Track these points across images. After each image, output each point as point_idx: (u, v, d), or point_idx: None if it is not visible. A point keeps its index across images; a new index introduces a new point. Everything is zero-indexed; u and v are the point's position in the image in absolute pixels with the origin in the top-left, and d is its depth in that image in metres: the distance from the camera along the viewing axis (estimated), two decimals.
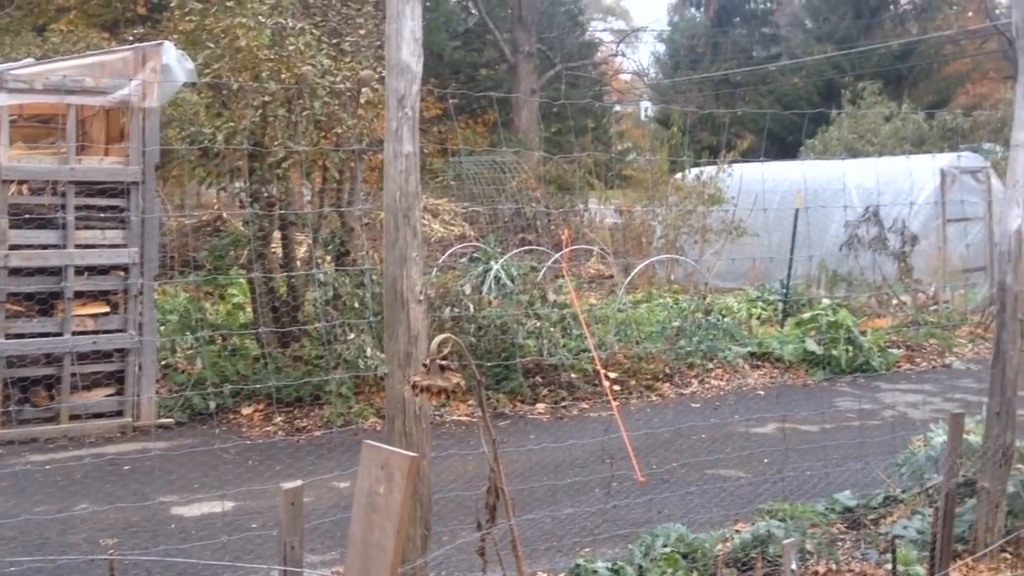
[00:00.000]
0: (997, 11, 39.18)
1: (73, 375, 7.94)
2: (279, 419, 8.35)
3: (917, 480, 5.68)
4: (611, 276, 16.32)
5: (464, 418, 8.57)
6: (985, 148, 18.35)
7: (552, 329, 9.67)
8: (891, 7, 41.15)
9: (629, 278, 13.18)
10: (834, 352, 10.51)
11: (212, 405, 8.39)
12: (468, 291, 9.66)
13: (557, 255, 12.64)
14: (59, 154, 8.14)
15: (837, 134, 22.65)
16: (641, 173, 17.48)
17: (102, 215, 8.16)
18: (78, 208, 8.02)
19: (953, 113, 22.79)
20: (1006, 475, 4.95)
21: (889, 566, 4.68)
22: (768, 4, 46.23)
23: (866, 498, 5.78)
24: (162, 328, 9.55)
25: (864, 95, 25.14)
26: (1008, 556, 4.90)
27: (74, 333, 7.99)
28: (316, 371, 8.64)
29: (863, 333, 11.02)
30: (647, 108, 38.30)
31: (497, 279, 10.33)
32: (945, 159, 14.53)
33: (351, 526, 2.71)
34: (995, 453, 4.89)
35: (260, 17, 8.63)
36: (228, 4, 8.71)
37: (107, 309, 8.24)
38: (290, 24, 8.78)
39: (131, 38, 16.43)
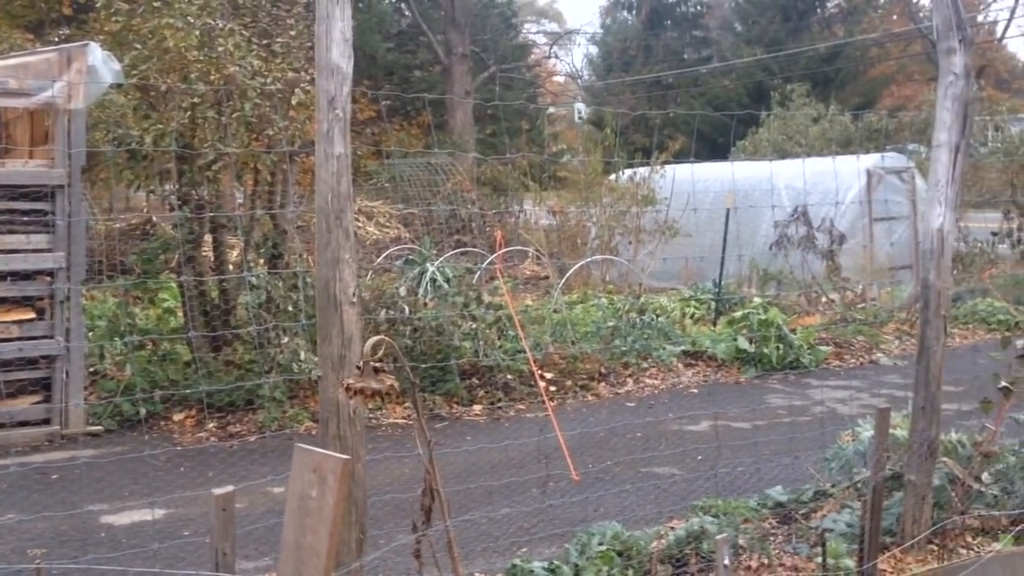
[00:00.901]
0: (921, 14, 40.12)
1: None
2: (212, 425, 8.24)
3: (846, 474, 5.79)
4: (546, 277, 16.38)
5: (401, 421, 8.55)
6: (910, 149, 18.76)
7: (488, 330, 9.68)
8: (818, 10, 41.90)
9: (564, 279, 13.24)
10: (765, 350, 10.67)
11: (142, 412, 8.26)
12: (403, 293, 9.63)
13: (492, 256, 12.65)
14: None
15: (767, 135, 22.99)
16: (575, 174, 17.58)
17: (26, 219, 7.99)
18: (1, 212, 7.84)
19: (879, 114, 23.24)
20: (931, 468, 5.06)
21: (820, 559, 4.77)
22: (698, 8, 46.79)
23: (797, 493, 5.87)
24: (90, 334, 9.37)
25: (793, 97, 25.56)
26: (935, 547, 5.01)
27: None
28: (249, 375, 8.55)
29: (793, 331, 11.20)
30: (581, 110, 38.52)
31: (433, 281, 10.31)
32: (870, 159, 14.82)
33: (283, 530, 2.69)
34: (920, 447, 5.00)
35: (188, 18, 8.51)
36: (155, 5, 8.58)
37: (33, 315, 8.06)
38: (219, 25, 8.67)
39: (56, 39, 16.13)
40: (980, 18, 43.89)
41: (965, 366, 8.14)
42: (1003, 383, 5.19)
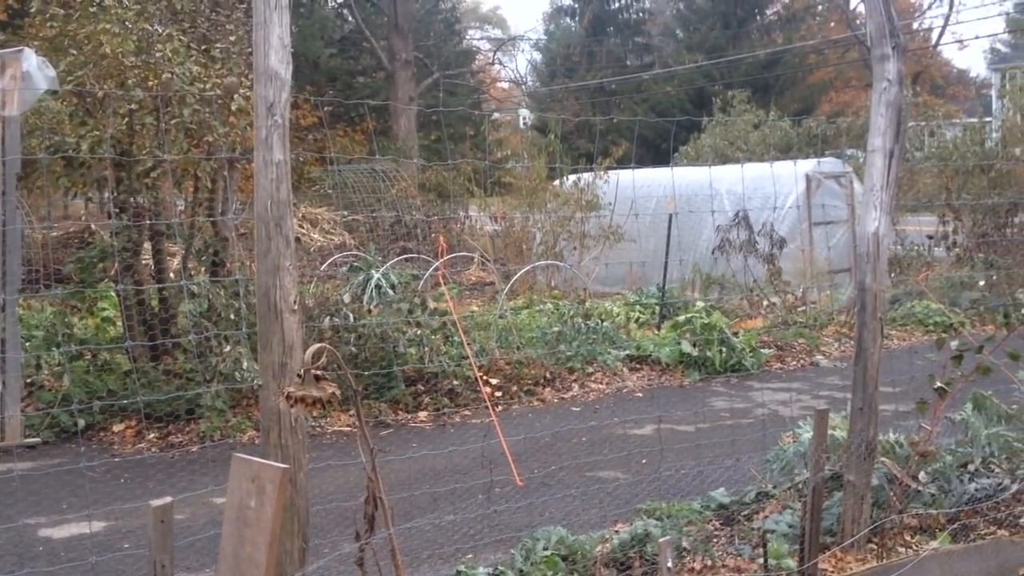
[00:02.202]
0: (858, 21, 40.81)
1: None
2: (152, 435, 8.12)
3: (787, 476, 5.86)
4: (492, 283, 16.39)
5: (346, 428, 8.49)
6: (847, 154, 19.06)
7: (433, 337, 9.65)
8: (758, 18, 42.48)
9: (509, 284, 13.26)
10: (708, 353, 10.76)
11: (80, 423, 8.11)
12: (348, 300, 9.58)
13: (437, 263, 12.63)
14: None
15: (709, 141, 23.23)
16: (520, 180, 17.62)
17: None
18: None
19: (817, 120, 23.59)
20: (870, 468, 5.14)
21: (762, 560, 4.82)
22: (640, 15, 47.22)
23: (739, 495, 5.93)
24: (27, 344, 9.19)
25: (733, 103, 25.86)
26: (874, 546, 5.09)
27: None
28: (190, 385, 8.44)
29: (736, 334, 11.31)
30: (525, 116, 38.63)
31: (378, 287, 10.27)
32: (809, 165, 15.03)
33: (222, 541, 2.66)
34: (859, 447, 5.08)
35: (126, 23, 8.40)
36: (92, 10, 8.45)
37: None
38: (157, 30, 8.56)
39: None
40: (915, 25, 44.78)
41: (902, 367, 8.28)
42: (938, 384, 5.29)
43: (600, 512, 6.12)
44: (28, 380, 8.87)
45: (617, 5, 46.67)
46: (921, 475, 5.47)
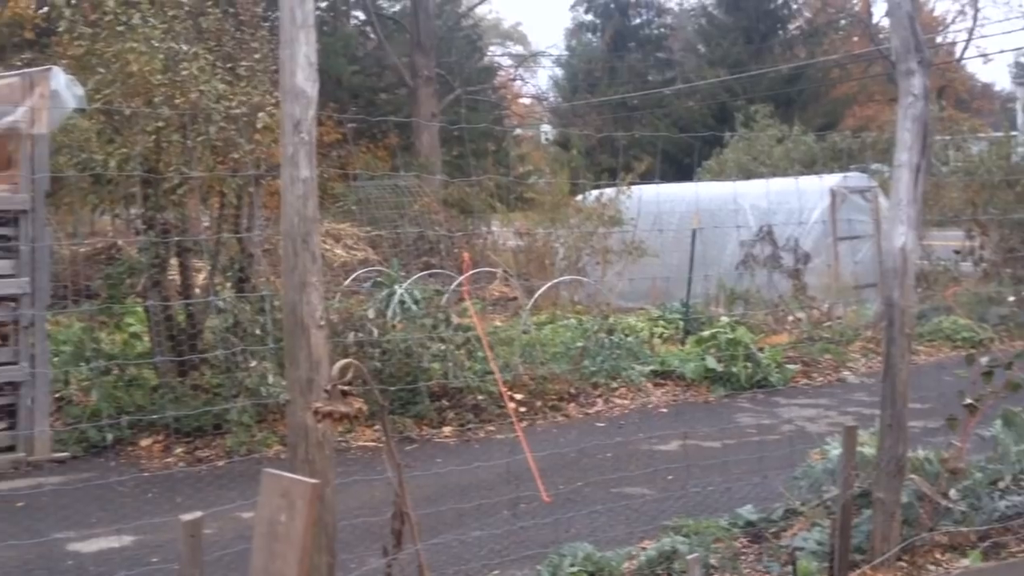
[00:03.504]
0: (881, 35, 40.68)
1: None
2: (179, 450, 8.16)
3: (815, 493, 5.81)
4: (515, 298, 16.39)
5: (371, 443, 8.50)
6: (872, 168, 18.96)
7: (457, 352, 9.65)
8: (780, 32, 42.40)
9: (532, 300, 13.25)
10: (734, 369, 10.71)
11: (109, 437, 8.15)
12: (372, 315, 9.60)
13: (460, 278, 12.64)
14: None
15: (732, 156, 23.15)
16: (542, 195, 17.63)
17: None
18: None
19: (842, 134, 23.48)
20: (899, 485, 5.10)
21: None
22: (662, 30, 47.26)
23: (767, 512, 5.89)
24: (55, 359, 9.26)
25: (756, 118, 25.78)
26: (904, 564, 5.04)
27: None
28: (217, 400, 8.48)
29: (761, 350, 11.26)
30: (547, 131, 38.69)
31: (401, 303, 10.29)
32: (834, 179, 14.97)
33: (252, 556, 2.66)
34: (888, 464, 5.04)
35: (152, 42, 8.48)
36: (119, 29, 8.54)
37: None
38: (183, 49, 8.64)
39: (18, 63, 15.96)
40: (939, 39, 44.60)
41: (931, 383, 8.21)
42: (968, 400, 5.25)
43: (627, 528, 6.09)
44: (57, 395, 8.93)
45: (639, 21, 46.73)
46: (951, 492, 5.42)
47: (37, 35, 19.92)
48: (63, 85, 7.93)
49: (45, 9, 17.38)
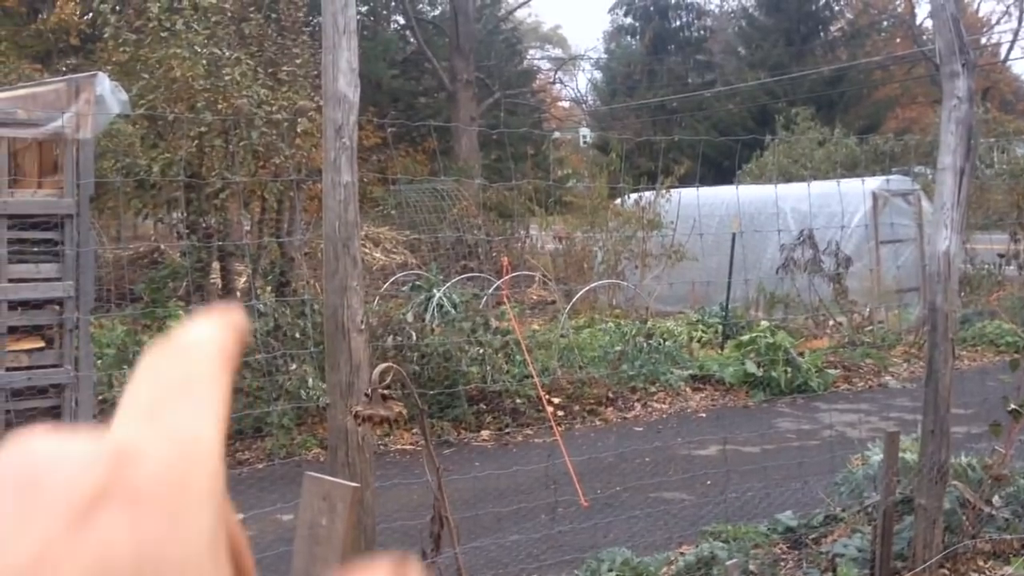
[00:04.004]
0: (924, 37, 40.25)
1: (8, 412, 7.76)
2: None
3: (856, 499, 5.76)
4: (553, 302, 16.38)
5: (408, 447, 8.53)
6: (915, 171, 18.77)
7: (495, 356, 9.67)
8: (821, 34, 42.05)
9: (571, 303, 13.24)
10: (773, 373, 10.64)
11: None
12: (410, 319, 9.64)
13: (498, 282, 12.67)
14: None
15: (772, 159, 23.02)
16: (581, 199, 17.61)
17: (36, 249, 8.00)
18: (11, 242, 7.84)
19: (884, 137, 23.27)
20: (942, 492, 5.04)
21: None
22: (702, 32, 47.02)
23: (807, 518, 5.84)
24: (99, 362, 9.38)
25: (797, 120, 25.61)
26: (946, 572, 4.99)
27: (8, 369, 7.81)
28: (257, 403, 8.55)
29: (801, 354, 11.17)
30: (586, 135, 38.64)
31: (440, 307, 10.32)
32: (876, 182, 14.82)
33: (293, 559, 2.69)
34: (930, 470, 4.98)
35: (195, 48, 8.59)
36: (163, 35, 8.66)
37: (42, 344, 8.06)
38: (226, 54, 8.74)
39: (64, 69, 16.21)
40: (983, 40, 44.05)
41: (974, 388, 8.11)
42: (1013, 406, 5.18)
43: (665, 534, 6.07)
44: (100, 398, 9.04)
45: (678, 23, 46.55)
46: (995, 499, 5.35)
47: (82, 41, 20.21)
48: (108, 91, 8.02)
49: (90, 15, 17.63)
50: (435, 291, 10.72)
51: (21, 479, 0.31)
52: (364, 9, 32.56)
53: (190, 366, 0.35)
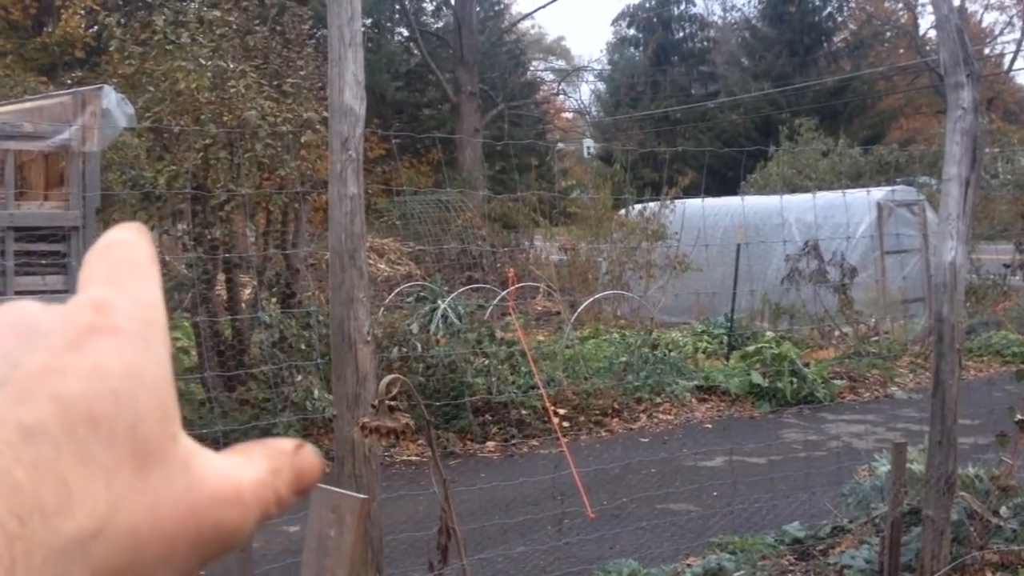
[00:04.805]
0: (927, 47, 40.29)
1: None
2: None
3: (863, 510, 5.75)
4: (558, 313, 16.38)
5: (415, 458, 8.53)
6: (920, 181, 18.77)
7: (501, 367, 9.67)
8: (825, 45, 42.11)
9: (576, 314, 13.24)
10: (779, 384, 10.62)
11: None
12: (416, 330, 9.64)
13: (503, 293, 12.67)
14: None
15: (776, 169, 23.04)
16: (585, 210, 17.62)
17: (43, 261, 8.04)
18: (17, 254, 7.89)
19: (889, 147, 23.28)
20: (950, 503, 5.02)
21: None
22: (705, 43, 47.11)
23: (814, 529, 5.83)
24: None
25: (801, 131, 25.63)
26: None
27: None
28: (263, 414, 8.55)
29: (807, 365, 11.16)
30: (589, 146, 38.68)
31: (445, 318, 10.32)
32: (881, 193, 14.83)
33: (301, 571, 2.68)
34: (938, 481, 4.97)
35: (201, 60, 8.61)
36: (168, 47, 8.68)
37: None
38: (231, 67, 8.76)
39: (70, 82, 16.29)
40: (987, 51, 44.09)
41: (981, 399, 8.09)
42: (1019, 416, 5.16)
43: (672, 545, 6.06)
44: None
45: (681, 35, 46.65)
46: (1002, 510, 5.33)
47: (88, 54, 20.30)
48: (114, 103, 8.06)
49: (96, 28, 17.71)
50: (440, 302, 10.72)
51: (19, 324, 0.40)
52: (368, 22, 32.64)
53: (131, 253, 0.44)
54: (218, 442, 8.21)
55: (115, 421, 0.38)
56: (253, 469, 0.44)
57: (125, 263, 0.44)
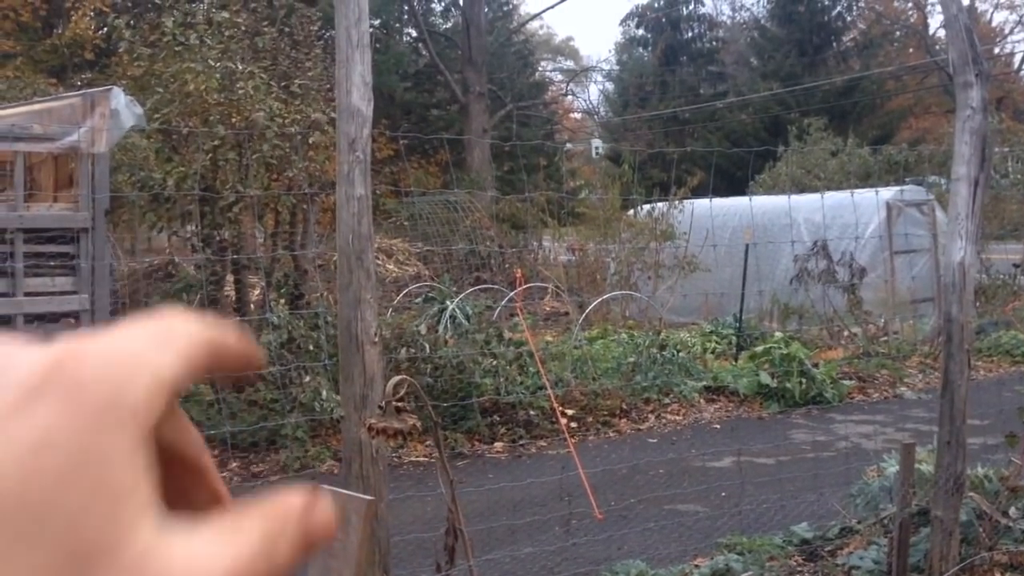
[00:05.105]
0: (937, 47, 40.18)
1: None
2: (234, 464, 8.25)
3: (872, 510, 5.73)
4: (566, 313, 16.37)
5: (422, 459, 8.53)
6: (929, 181, 18.72)
7: (509, 367, 9.67)
8: (834, 45, 42.03)
9: (584, 315, 13.23)
10: (788, 384, 10.60)
11: None
12: (424, 331, 9.65)
13: (511, 293, 12.67)
14: (7, 202, 8.05)
15: (785, 169, 22.99)
16: (594, 210, 17.61)
17: (52, 262, 8.06)
18: (27, 256, 7.91)
19: (898, 147, 23.23)
20: (958, 503, 5.01)
21: None
22: (714, 43, 47.06)
23: (823, 530, 5.82)
24: None
25: (810, 131, 25.58)
26: None
27: None
28: (271, 415, 8.56)
29: (815, 365, 11.13)
30: (598, 146, 38.65)
31: (453, 318, 10.33)
32: (890, 193, 14.79)
33: (308, 572, 2.69)
34: (947, 482, 4.95)
35: (209, 61, 8.63)
36: (177, 49, 8.71)
37: None
38: (239, 68, 8.78)
39: (79, 84, 16.33)
40: (997, 50, 43.93)
41: (990, 399, 8.07)
42: None
43: (680, 546, 6.05)
44: None
45: (690, 35, 46.60)
46: (1011, 511, 5.31)
47: (97, 55, 20.36)
48: (123, 105, 8.09)
49: (105, 30, 17.76)
50: (448, 303, 10.73)
51: None
52: (377, 22, 32.69)
53: (175, 329, 0.39)
54: (226, 443, 8.23)
55: (52, 513, 0.32)
56: (237, 548, 0.36)
57: (154, 333, 0.38)
